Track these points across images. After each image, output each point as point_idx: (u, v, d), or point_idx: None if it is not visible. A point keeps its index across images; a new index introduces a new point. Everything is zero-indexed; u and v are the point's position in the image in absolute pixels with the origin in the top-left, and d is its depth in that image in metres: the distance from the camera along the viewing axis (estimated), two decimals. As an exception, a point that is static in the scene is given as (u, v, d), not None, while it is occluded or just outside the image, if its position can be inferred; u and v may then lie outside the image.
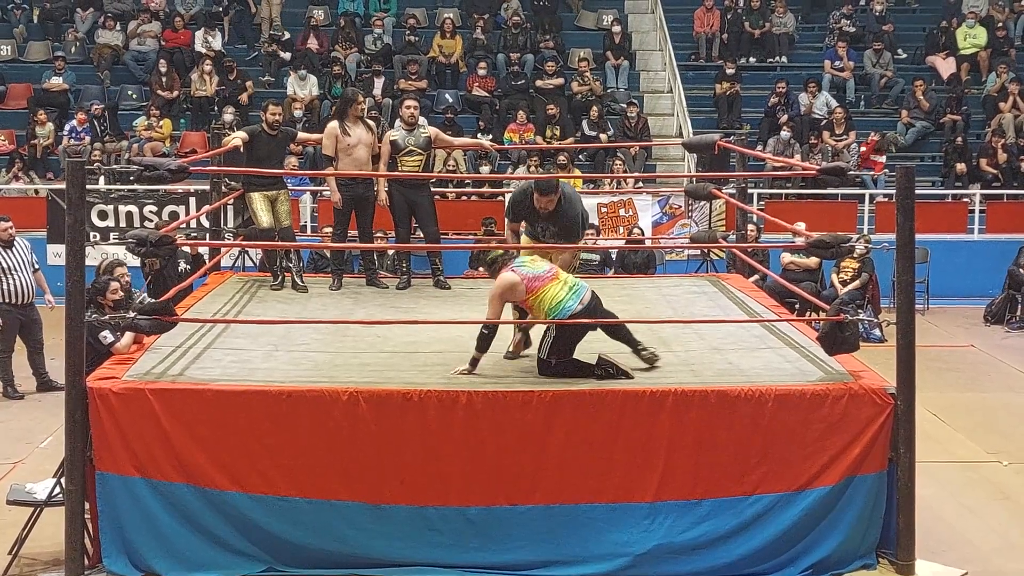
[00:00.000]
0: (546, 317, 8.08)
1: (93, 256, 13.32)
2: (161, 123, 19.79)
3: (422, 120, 11.78)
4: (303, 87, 20.29)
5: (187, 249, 12.46)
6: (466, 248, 16.83)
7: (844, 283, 15.53)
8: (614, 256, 16.03)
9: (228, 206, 12.42)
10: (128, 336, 8.58)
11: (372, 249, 11.54)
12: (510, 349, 8.66)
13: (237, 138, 10.69)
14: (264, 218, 10.67)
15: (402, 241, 11.08)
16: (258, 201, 10.68)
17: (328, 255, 12.19)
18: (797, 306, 13.43)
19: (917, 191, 8.03)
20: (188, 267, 11.51)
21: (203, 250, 12.89)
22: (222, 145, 11.02)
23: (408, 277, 11.09)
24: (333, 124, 10.76)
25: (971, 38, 22.06)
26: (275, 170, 10.86)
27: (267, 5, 22.47)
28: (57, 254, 16.03)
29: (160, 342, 8.55)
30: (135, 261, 11.64)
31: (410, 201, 10.85)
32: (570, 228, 8.93)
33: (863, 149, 19.37)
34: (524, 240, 9.05)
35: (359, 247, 11.91)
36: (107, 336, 8.51)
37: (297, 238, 12.13)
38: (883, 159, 19.44)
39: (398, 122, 11.28)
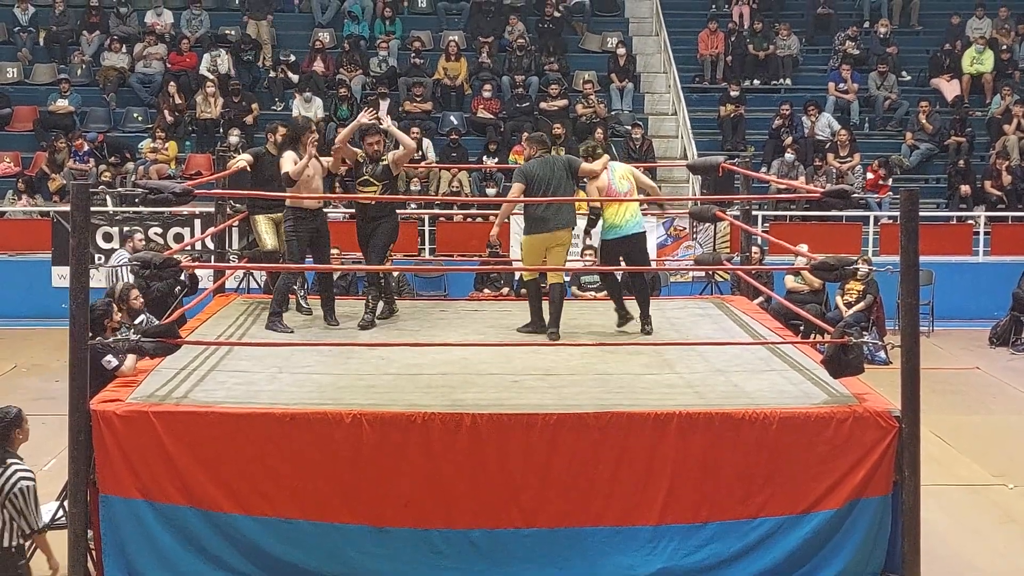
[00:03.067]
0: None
1: (98, 278, 13.38)
2: (166, 145, 19.84)
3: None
4: (308, 109, 20.34)
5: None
6: (471, 271, 16.85)
7: (849, 305, 15.52)
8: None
9: (232, 228, 12.42)
10: (131, 359, 8.57)
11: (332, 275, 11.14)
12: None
13: (242, 160, 10.69)
14: (268, 240, 10.67)
15: (371, 273, 10.44)
16: (263, 223, 10.69)
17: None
18: (802, 328, 13.41)
19: (921, 213, 8.03)
20: (183, 287, 11.47)
21: (203, 273, 12.88)
22: (227, 167, 11.01)
23: (373, 316, 10.31)
24: (291, 153, 10.19)
25: (977, 63, 22.09)
26: (279, 193, 10.80)
27: (255, 27, 22.36)
28: (62, 276, 16.08)
29: (164, 364, 8.55)
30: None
31: (366, 231, 10.34)
32: None
33: (870, 176, 19.37)
34: None
35: (364, 269, 11.84)
36: (111, 360, 8.47)
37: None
38: (889, 182, 19.44)
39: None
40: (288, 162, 10.16)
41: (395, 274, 15.61)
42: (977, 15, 23.00)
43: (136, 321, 9.27)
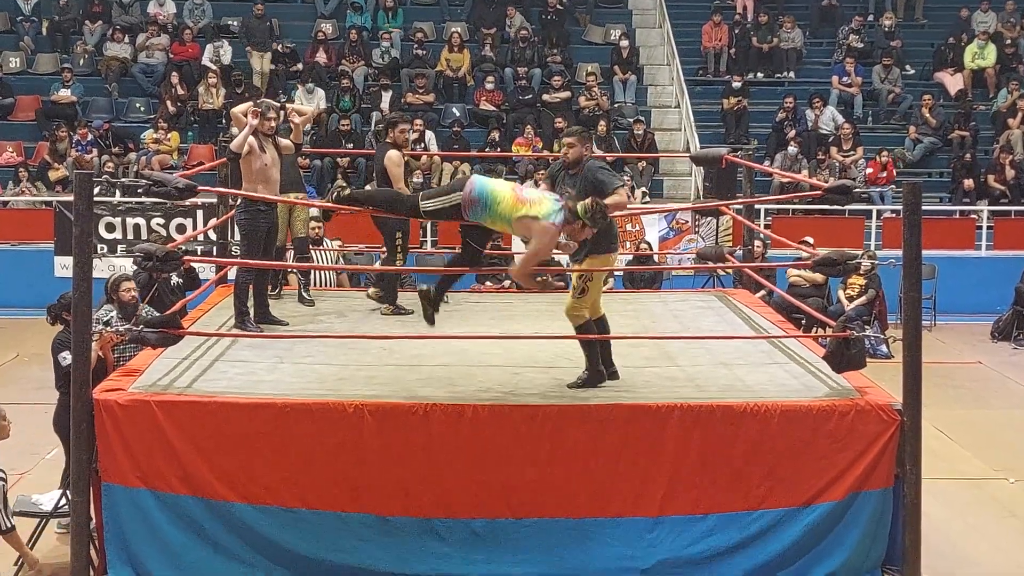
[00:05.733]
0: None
1: (100, 268, 13.37)
2: (169, 136, 19.84)
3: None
4: (311, 100, 20.32)
5: None
6: (473, 272, 16.79)
7: (851, 299, 15.51)
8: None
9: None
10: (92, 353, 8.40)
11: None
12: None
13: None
14: (278, 235, 10.42)
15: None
16: (279, 209, 10.24)
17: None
18: (804, 322, 13.41)
19: (924, 207, 8.01)
20: (180, 280, 11.47)
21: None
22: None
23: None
24: (247, 137, 9.53)
25: (979, 58, 22.05)
26: (285, 182, 10.58)
27: (259, 61, 21.78)
28: (64, 266, 16.07)
29: (166, 354, 8.55)
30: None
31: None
32: (588, 191, 7.98)
33: (871, 170, 19.35)
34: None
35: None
36: (66, 356, 8.33)
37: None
38: (893, 172, 19.40)
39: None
40: (243, 147, 9.57)
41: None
42: (982, 8, 22.95)
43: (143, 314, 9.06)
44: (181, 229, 16.73)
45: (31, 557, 7.27)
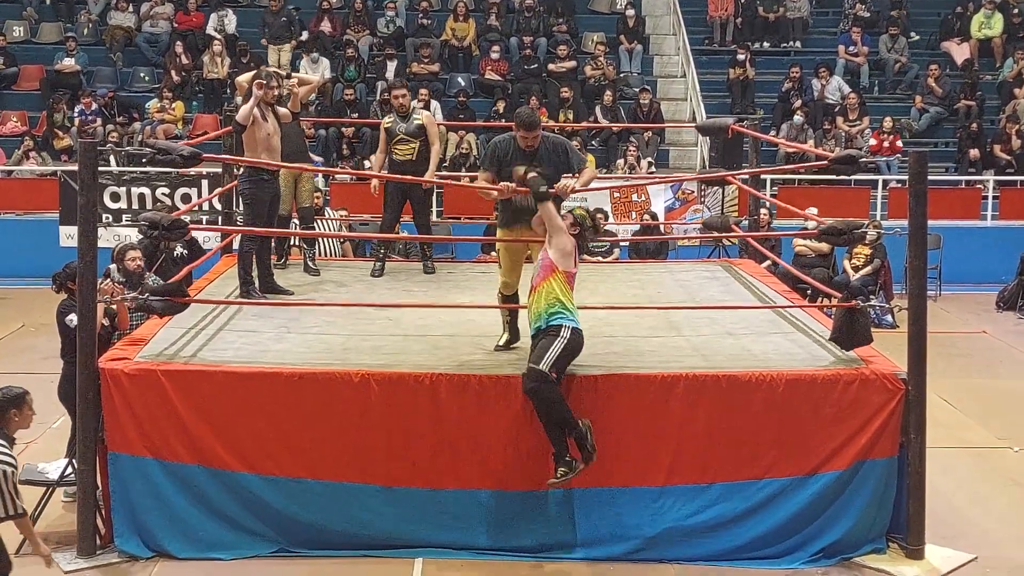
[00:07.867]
0: (547, 314, 7.58)
1: (105, 238, 13.37)
2: (173, 105, 19.80)
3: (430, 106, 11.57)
4: (315, 70, 20.23)
5: None
6: (476, 240, 16.81)
7: (856, 269, 15.49)
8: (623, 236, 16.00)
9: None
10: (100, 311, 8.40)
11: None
12: (500, 344, 8.48)
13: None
14: (283, 205, 10.44)
15: (387, 228, 10.91)
16: (280, 181, 10.24)
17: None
18: (809, 292, 13.40)
19: (930, 177, 8.01)
20: (184, 251, 11.46)
21: (201, 235, 12.78)
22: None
23: (383, 265, 10.88)
24: (252, 107, 9.48)
25: (986, 28, 21.93)
26: (290, 151, 10.54)
27: (276, 54, 21.24)
28: (69, 236, 16.06)
29: (172, 323, 8.58)
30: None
31: (404, 189, 10.72)
32: (553, 172, 8.15)
33: (874, 141, 19.28)
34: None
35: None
36: (73, 319, 8.31)
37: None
38: (899, 143, 19.33)
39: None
40: (245, 117, 9.50)
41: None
42: (990, -23, 22.81)
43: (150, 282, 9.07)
44: (186, 199, 16.68)
45: (42, 548, 6.98)
